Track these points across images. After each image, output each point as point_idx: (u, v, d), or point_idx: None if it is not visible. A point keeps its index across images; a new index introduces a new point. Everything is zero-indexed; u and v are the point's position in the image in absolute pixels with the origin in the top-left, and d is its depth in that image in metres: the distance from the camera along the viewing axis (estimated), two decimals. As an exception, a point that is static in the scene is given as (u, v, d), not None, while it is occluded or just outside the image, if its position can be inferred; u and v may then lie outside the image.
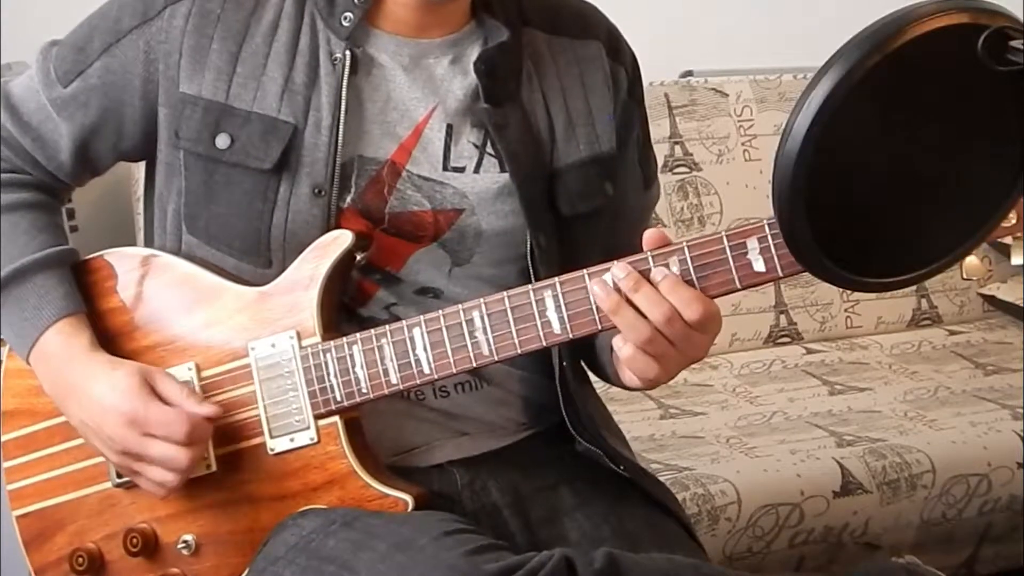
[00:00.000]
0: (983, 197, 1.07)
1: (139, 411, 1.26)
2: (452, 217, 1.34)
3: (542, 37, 1.41)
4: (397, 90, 1.34)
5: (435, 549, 1.16)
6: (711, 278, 1.19)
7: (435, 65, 1.36)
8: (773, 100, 2.77)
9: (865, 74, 0.96)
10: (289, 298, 1.30)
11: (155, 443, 1.26)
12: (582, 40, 1.42)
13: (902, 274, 1.09)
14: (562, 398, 1.36)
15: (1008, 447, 2.19)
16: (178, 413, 1.26)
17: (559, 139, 1.38)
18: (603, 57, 1.43)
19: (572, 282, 1.22)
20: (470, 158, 1.35)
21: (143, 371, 1.30)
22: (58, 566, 1.39)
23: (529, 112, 1.37)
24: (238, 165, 1.31)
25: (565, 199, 1.37)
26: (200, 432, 1.27)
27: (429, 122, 1.34)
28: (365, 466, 1.28)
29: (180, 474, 1.28)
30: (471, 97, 1.35)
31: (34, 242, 1.36)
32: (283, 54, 1.33)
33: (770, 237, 1.17)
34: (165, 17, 1.33)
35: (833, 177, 1.01)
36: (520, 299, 1.23)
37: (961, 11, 0.96)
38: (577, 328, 1.22)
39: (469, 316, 1.24)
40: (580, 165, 1.38)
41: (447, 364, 1.25)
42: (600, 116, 1.41)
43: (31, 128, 1.38)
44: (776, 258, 1.17)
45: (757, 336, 2.68)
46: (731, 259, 1.18)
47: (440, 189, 1.34)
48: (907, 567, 1.43)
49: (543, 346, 1.24)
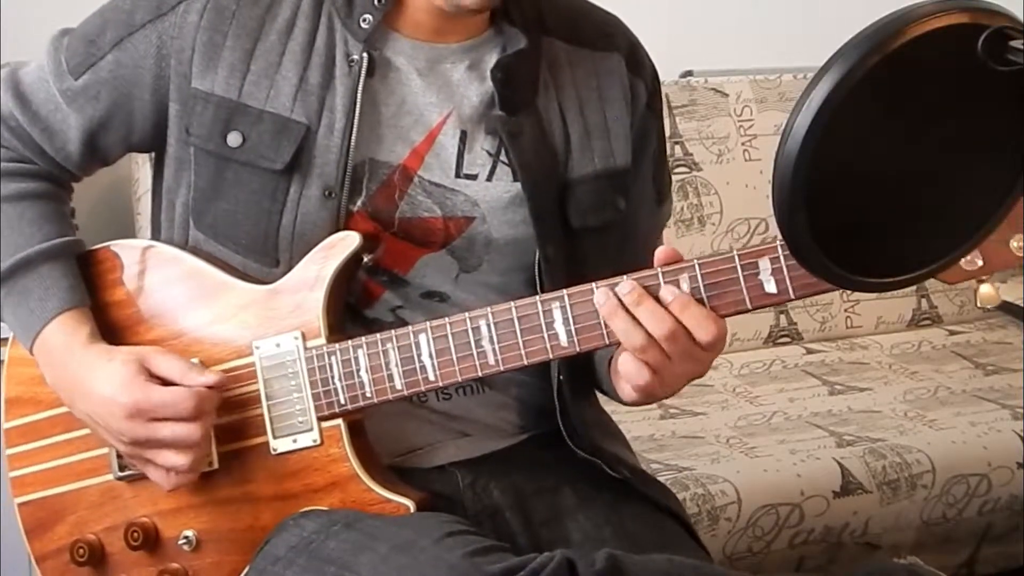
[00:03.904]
0: (983, 197, 1.07)
1: (140, 400, 1.26)
2: (462, 225, 1.34)
3: (561, 47, 1.39)
4: (412, 94, 1.33)
5: (436, 550, 1.16)
6: (721, 297, 1.18)
7: (452, 70, 1.35)
8: (773, 100, 2.77)
9: (865, 74, 0.96)
10: (295, 298, 1.30)
11: (163, 425, 1.26)
12: (602, 52, 1.41)
13: (902, 274, 1.09)
14: (559, 411, 1.35)
15: (1008, 447, 2.19)
16: (180, 390, 1.26)
17: (574, 150, 1.36)
18: (623, 70, 1.41)
19: (580, 295, 1.21)
20: (483, 166, 1.34)
21: (138, 356, 1.29)
22: (59, 555, 1.39)
23: (544, 122, 1.35)
24: (248, 164, 1.31)
25: (576, 211, 1.36)
26: (207, 403, 1.26)
27: (443, 128, 1.33)
28: (367, 469, 1.28)
29: (193, 452, 1.26)
30: (487, 104, 1.34)
31: (40, 232, 1.36)
32: (298, 53, 1.31)
33: (782, 258, 1.16)
34: (179, 12, 1.32)
35: (833, 177, 1.01)
36: (527, 309, 1.22)
37: (961, 11, 0.96)
38: (585, 342, 1.21)
39: (475, 324, 1.24)
40: (593, 178, 1.37)
41: (452, 372, 1.25)
42: (616, 129, 1.39)
43: (40, 118, 1.37)
44: (788, 280, 1.16)
45: (757, 336, 2.68)
46: (742, 279, 1.17)
47: (451, 196, 1.33)
48: (909, 568, 1.43)
49: (549, 358, 1.23)
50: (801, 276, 1.16)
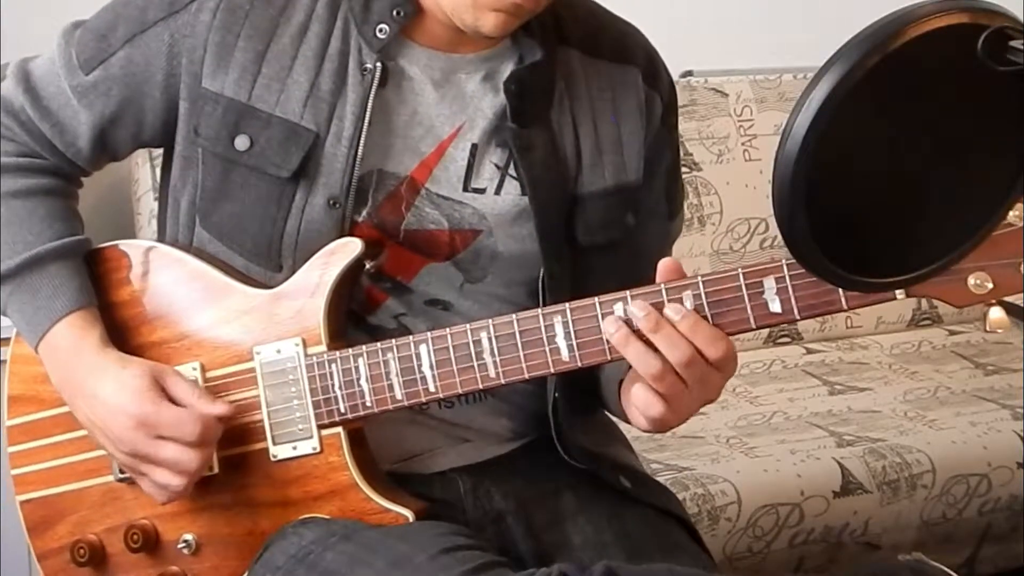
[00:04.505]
0: (983, 197, 1.07)
1: (149, 413, 1.25)
2: (469, 237, 1.33)
3: (578, 57, 1.37)
4: (424, 105, 1.32)
5: (432, 568, 1.15)
6: (725, 316, 1.17)
7: (467, 80, 1.33)
8: (773, 100, 2.77)
9: (865, 74, 0.96)
10: (296, 303, 1.29)
11: (165, 445, 1.25)
12: (619, 64, 1.39)
13: (902, 274, 1.09)
14: (554, 427, 1.34)
15: (1008, 447, 2.20)
16: (189, 414, 1.25)
17: (585, 165, 1.35)
18: (639, 83, 1.39)
19: (583, 309, 1.20)
20: (491, 179, 1.33)
21: (153, 370, 1.28)
22: (60, 554, 1.39)
23: (557, 136, 1.34)
24: (256, 169, 1.29)
25: (583, 228, 1.35)
26: (211, 433, 1.26)
27: (454, 141, 1.32)
28: (367, 478, 1.27)
29: (188, 477, 1.27)
30: (499, 116, 1.32)
31: (51, 230, 1.35)
32: (311, 58, 1.30)
33: (788, 278, 1.16)
34: (192, 11, 1.31)
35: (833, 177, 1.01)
36: (529, 323, 1.22)
37: (961, 11, 0.96)
38: (586, 357, 1.21)
39: (477, 337, 1.23)
40: (603, 195, 1.35)
41: (453, 384, 1.24)
42: (630, 143, 1.37)
43: (50, 113, 1.36)
44: (793, 300, 1.16)
45: (757, 336, 2.68)
46: (747, 298, 1.17)
47: (459, 209, 1.32)
48: (912, 565, 1.43)
49: (551, 372, 1.23)
50: (807, 296, 1.16)
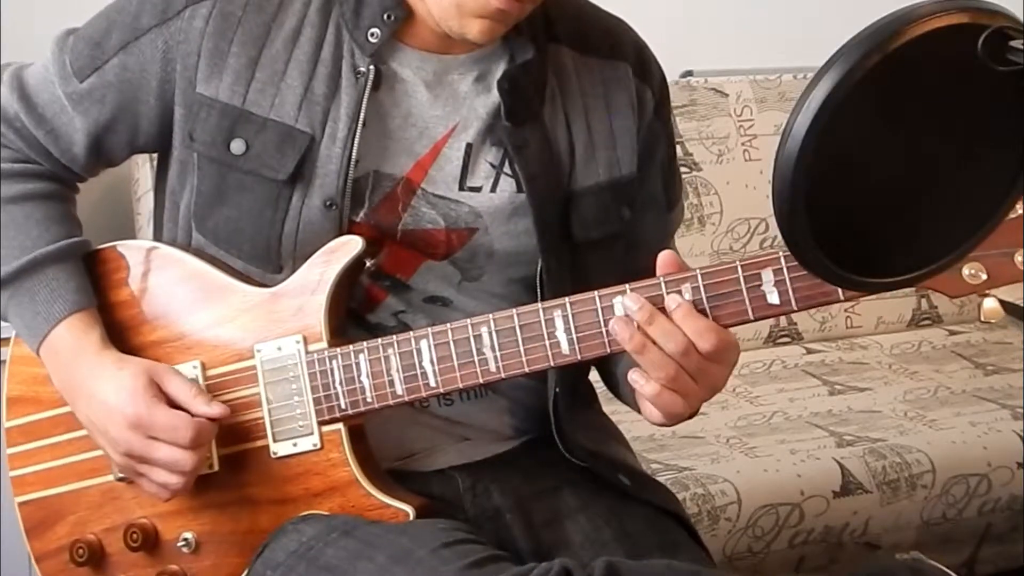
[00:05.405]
0: (983, 197, 1.07)
1: (143, 414, 1.26)
2: (465, 236, 1.33)
3: (569, 54, 1.37)
4: (418, 107, 1.32)
5: (433, 562, 1.15)
6: (724, 308, 1.18)
7: (459, 81, 1.33)
8: (773, 100, 2.77)
9: (865, 74, 0.96)
10: (297, 301, 1.29)
11: (160, 446, 1.26)
12: (610, 60, 1.39)
13: (902, 274, 1.09)
14: (554, 423, 1.35)
15: (1008, 447, 2.19)
16: (183, 417, 1.26)
17: (578, 161, 1.35)
18: (630, 78, 1.40)
19: (583, 303, 1.21)
20: (487, 178, 1.33)
21: (150, 370, 1.29)
22: (59, 555, 1.39)
23: (550, 132, 1.34)
24: (252, 172, 1.30)
25: (579, 224, 1.35)
26: (206, 435, 1.27)
27: (448, 141, 1.33)
28: (367, 475, 1.27)
29: (184, 477, 1.27)
30: (493, 115, 1.33)
31: (48, 233, 1.35)
32: (304, 62, 1.30)
33: (786, 270, 1.17)
34: (185, 17, 1.31)
35: (833, 177, 1.01)
36: (529, 317, 1.22)
37: (961, 11, 0.96)
38: (586, 350, 1.21)
39: (477, 332, 1.24)
40: (597, 190, 1.36)
41: (453, 379, 1.25)
42: (623, 138, 1.38)
43: (45, 120, 1.36)
44: (791, 291, 1.17)
45: (757, 336, 2.68)
46: (745, 290, 1.18)
47: (455, 208, 1.32)
48: (911, 565, 1.43)
49: (551, 366, 1.23)
50: (804, 287, 1.16)
